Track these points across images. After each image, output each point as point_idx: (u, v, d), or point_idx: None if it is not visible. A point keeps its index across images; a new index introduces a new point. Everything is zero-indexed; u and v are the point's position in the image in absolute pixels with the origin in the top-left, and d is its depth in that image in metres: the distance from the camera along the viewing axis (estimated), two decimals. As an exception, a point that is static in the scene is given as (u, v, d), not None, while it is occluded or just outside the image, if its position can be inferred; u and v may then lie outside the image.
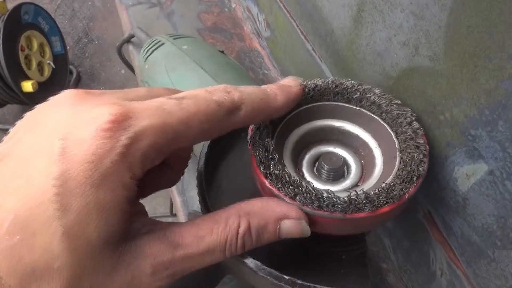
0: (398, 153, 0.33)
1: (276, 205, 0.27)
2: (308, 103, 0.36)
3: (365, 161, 0.37)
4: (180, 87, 0.51)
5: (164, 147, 0.21)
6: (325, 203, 0.29)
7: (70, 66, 1.83)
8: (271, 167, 0.30)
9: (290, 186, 0.29)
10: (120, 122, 0.19)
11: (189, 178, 0.59)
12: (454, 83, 0.29)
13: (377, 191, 0.30)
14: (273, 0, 0.58)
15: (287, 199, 0.29)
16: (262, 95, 0.26)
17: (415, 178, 0.31)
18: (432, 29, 0.30)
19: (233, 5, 0.77)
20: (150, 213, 0.27)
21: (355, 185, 0.36)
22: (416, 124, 0.34)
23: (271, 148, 0.31)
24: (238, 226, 0.25)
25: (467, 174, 0.31)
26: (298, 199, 0.29)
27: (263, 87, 0.27)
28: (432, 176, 0.35)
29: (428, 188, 0.36)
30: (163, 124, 0.20)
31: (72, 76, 1.83)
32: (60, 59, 1.72)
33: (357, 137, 0.37)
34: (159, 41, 0.58)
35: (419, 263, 0.42)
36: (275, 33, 0.62)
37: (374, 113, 0.36)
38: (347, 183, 0.36)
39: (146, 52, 0.57)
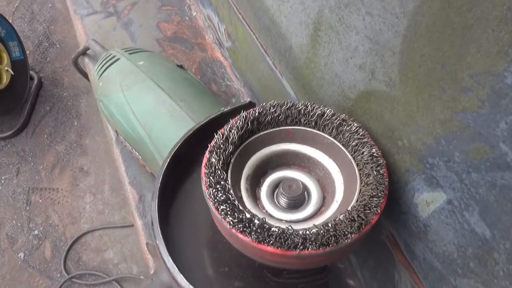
0: (357, 173, 0.33)
1: None
2: (255, 132, 0.35)
3: (324, 182, 0.36)
4: (136, 106, 0.49)
5: None
6: (299, 243, 0.28)
7: (31, 72, 1.75)
8: (235, 214, 0.29)
9: (261, 231, 0.28)
10: None
11: (151, 200, 0.57)
12: (410, 110, 0.29)
13: (344, 220, 0.29)
14: (232, 12, 0.56)
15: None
16: None
17: (378, 201, 0.30)
18: (387, 55, 0.29)
19: (194, 13, 0.75)
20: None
21: (318, 209, 0.35)
22: (370, 142, 0.33)
23: (233, 197, 0.30)
24: None
25: (426, 201, 0.30)
26: (271, 243, 0.27)
27: None
28: (393, 200, 0.34)
29: (390, 211, 0.35)
30: None
31: (33, 82, 1.75)
32: (20, 65, 1.64)
33: (313, 159, 0.36)
34: (114, 56, 0.55)
35: (385, 283, 0.41)
36: (236, 44, 0.61)
37: (328, 134, 0.35)
38: (310, 209, 0.35)
39: (100, 69, 0.54)
